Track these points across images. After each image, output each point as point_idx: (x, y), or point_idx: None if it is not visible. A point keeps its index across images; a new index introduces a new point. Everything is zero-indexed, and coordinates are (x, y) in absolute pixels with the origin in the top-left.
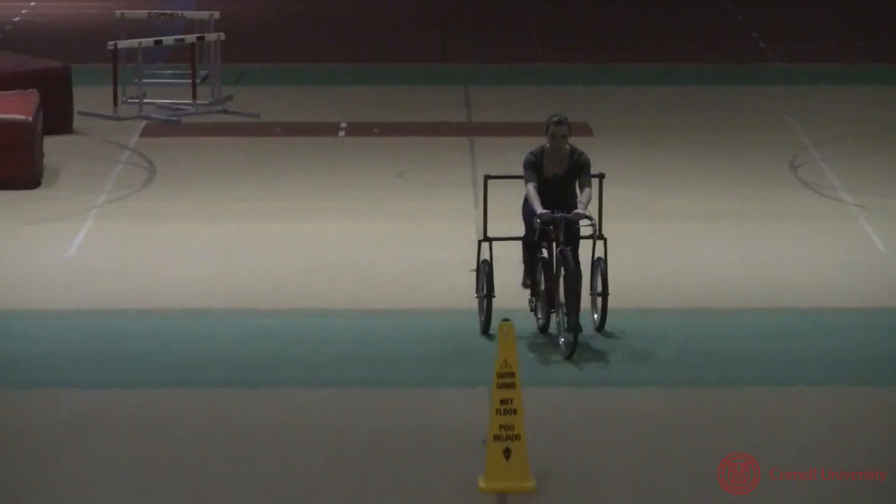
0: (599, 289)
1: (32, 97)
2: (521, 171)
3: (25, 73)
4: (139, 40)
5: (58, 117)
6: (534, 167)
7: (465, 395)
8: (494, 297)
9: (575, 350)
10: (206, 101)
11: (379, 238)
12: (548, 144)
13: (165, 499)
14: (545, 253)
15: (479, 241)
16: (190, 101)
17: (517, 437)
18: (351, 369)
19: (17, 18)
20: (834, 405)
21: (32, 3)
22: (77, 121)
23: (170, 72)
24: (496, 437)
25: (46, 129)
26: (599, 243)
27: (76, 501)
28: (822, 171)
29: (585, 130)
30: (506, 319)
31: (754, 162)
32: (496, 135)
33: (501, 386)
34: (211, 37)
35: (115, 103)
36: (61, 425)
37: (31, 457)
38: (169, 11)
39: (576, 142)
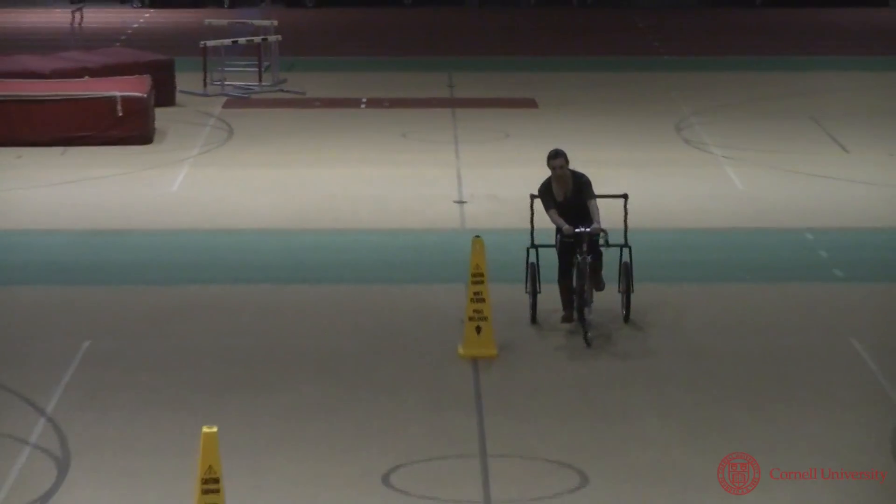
0: (626, 287)
1: (147, 80)
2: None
3: (142, 63)
4: (221, 41)
5: (165, 94)
6: (547, 195)
7: (448, 289)
8: (539, 293)
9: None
10: (268, 83)
11: (388, 178)
12: (551, 174)
13: (242, 362)
14: (574, 260)
15: (528, 248)
16: (257, 83)
17: (485, 319)
18: (368, 271)
19: (136, 25)
20: (708, 298)
21: (147, 15)
22: (178, 97)
23: (243, 62)
24: (470, 319)
25: (156, 102)
26: (626, 250)
27: (179, 366)
28: (698, 132)
29: (532, 104)
30: (477, 236)
31: (650, 126)
32: (471, 107)
33: (474, 282)
34: (272, 38)
35: (205, 84)
36: (167, 310)
37: (144, 334)
38: (242, 20)
39: (524, 112)
